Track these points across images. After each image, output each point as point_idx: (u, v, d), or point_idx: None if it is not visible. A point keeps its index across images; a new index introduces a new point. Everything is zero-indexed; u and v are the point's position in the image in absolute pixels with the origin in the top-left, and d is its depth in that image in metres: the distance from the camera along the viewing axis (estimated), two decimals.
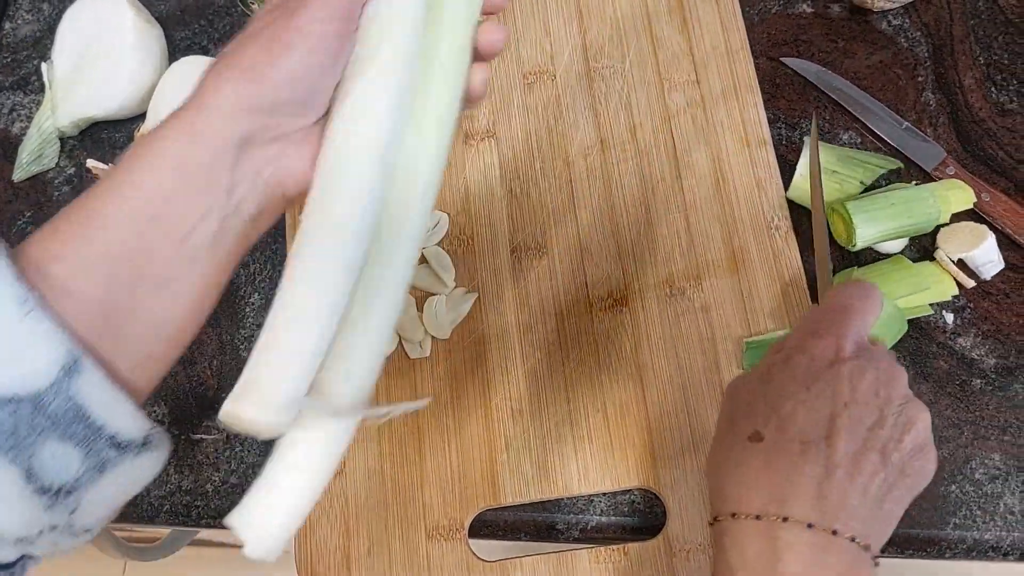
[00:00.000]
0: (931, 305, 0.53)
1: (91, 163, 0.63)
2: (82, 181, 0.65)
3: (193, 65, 0.62)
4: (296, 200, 0.37)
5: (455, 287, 0.56)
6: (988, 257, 0.53)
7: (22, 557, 0.32)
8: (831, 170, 0.56)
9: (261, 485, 0.32)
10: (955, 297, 0.53)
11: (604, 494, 0.52)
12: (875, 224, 0.52)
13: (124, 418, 0.34)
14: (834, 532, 0.35)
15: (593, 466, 0.52)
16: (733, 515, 0.37)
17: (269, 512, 0.32)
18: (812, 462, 0.37)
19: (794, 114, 0.59)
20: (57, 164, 0.65)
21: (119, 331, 0.34)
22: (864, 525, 0.36)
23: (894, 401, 0.37)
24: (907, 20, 0.60)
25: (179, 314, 0.35)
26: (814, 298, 0.54)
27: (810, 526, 0.36)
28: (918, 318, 0.53)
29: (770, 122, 0.58)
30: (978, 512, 0.50)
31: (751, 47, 0.60)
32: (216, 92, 0.34)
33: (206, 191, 0.34)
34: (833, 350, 0.38)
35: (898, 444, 0.37)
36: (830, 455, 0.36)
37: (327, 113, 0.36)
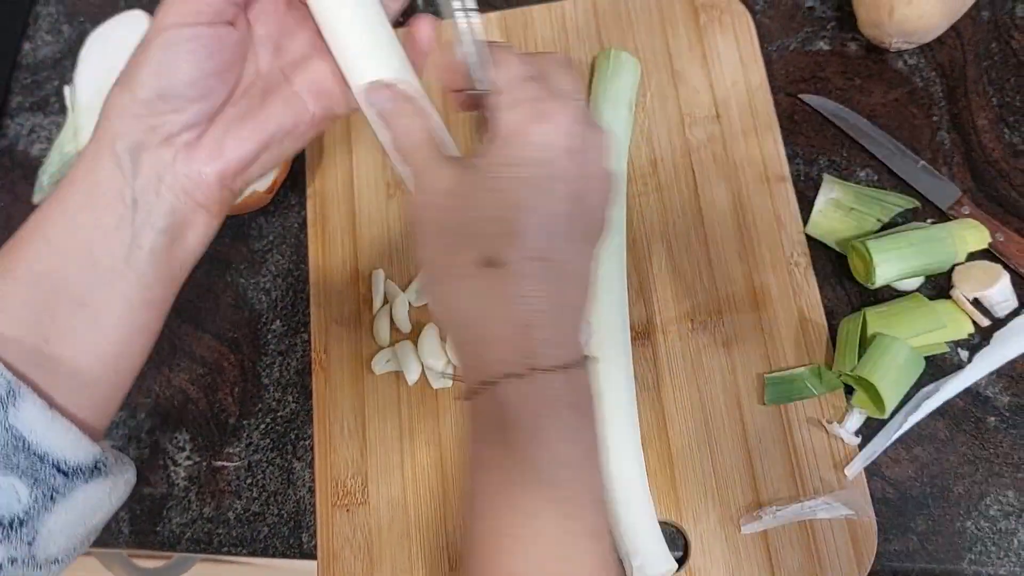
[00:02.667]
0: (947, 343, 0.54)
1: None
2: None
3: None
4: (215, 211, 0.38)
5: None
6: (1003, 296, 0.54)
7: None
8: (849, 207, 0.57)
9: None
10: (970, 335, 0.54)
11: None
12: (895, 263, 0.53)
13: (67, 444, 0.34)
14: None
15: None
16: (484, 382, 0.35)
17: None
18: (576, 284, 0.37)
19: (812, 150, 0.60)
20: None
21: (49, 357, 0.34)
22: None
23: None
24: (922, 60, 0.61)
25: (106, 335, 0.36)
26: (832, 335, 0.55)
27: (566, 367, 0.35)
28: (934, 356, 0.54)
29: (788, 158, 0.59)
30: (993, 548, 0.51)
31: (770, 83, 0.61)
32: (107, 111, 0.36)
33: (111, 207, 0.35)
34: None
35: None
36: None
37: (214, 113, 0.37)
